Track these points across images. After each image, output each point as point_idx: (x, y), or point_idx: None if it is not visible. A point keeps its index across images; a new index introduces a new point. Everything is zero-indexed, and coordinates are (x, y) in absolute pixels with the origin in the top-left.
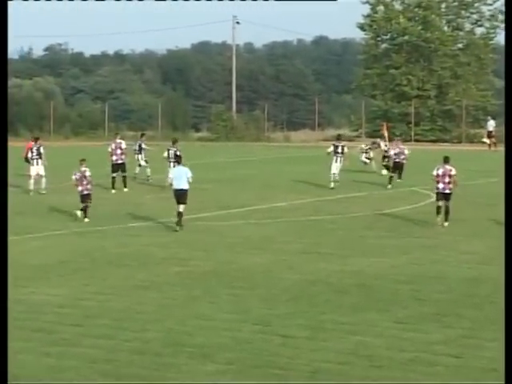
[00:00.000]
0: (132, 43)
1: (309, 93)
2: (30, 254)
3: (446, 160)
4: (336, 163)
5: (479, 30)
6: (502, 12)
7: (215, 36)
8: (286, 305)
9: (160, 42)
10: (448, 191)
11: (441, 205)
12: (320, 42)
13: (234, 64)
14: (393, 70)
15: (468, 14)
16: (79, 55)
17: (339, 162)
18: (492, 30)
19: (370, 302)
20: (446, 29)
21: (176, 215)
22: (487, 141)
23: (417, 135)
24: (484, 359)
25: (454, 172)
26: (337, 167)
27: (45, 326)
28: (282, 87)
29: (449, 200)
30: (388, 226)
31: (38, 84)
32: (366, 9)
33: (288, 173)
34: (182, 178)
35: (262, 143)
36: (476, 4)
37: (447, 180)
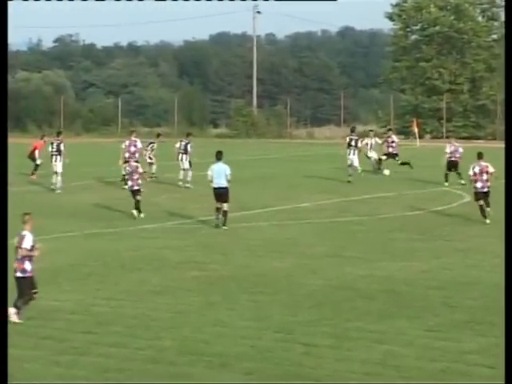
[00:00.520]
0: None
1: (334, 87)
2: (38, 257)
3: (480, 156)
4: (350, 156)
5: None
6: None
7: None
8: (309, 312)
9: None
10: (487, 189)
11: (482, 203)
12: (346, 33)
13: (254, 56)
14: (423, 63)
15: (503, 3)
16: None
17: (353, 154)
18: None
19: (399, 308)
20: (479, 19)
21: (217, 213)
22: None
23: (448, 132)
24: None
25: (491, 169)
26: (352, 160)
27: (54, 333)
28: (305, 81)
29: (488, 197)
30: (418, 228)
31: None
32: None
33: (312, 171)
34: (222, 175)
35: (284, 140)
36: None
37: (485, 177)
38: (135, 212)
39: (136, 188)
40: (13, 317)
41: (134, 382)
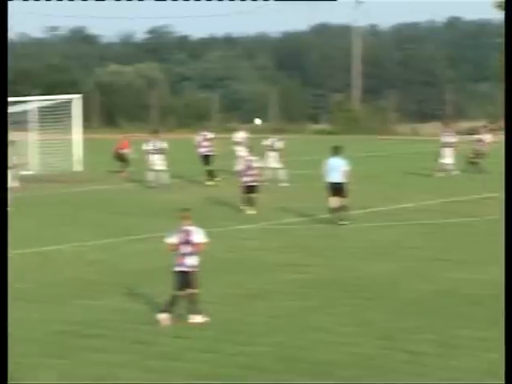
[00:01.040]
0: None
1: (440, 80)
2: (131, 258)
3: None
4: (444, 153)
5: None
6: None
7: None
8: (413, 317)
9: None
10: None
11: None
12: (453, 23)
13: (356, 48)
14: None
15: None
16: (185, 39)
17: (448, 151)
18: None
19: None
20: None
21: (332, 211)
22: None
23: None
24: None
25: None
26: (446, 157)
27: (145, 337)
28: (410, 74)
29: None
30: None
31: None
32: None
33: (417, 170)
34: (337, 170)
35: (387, 137)
36: None
37: None
38: (247, 208)
39: (254, 184)
40: (194, 317)
41: None
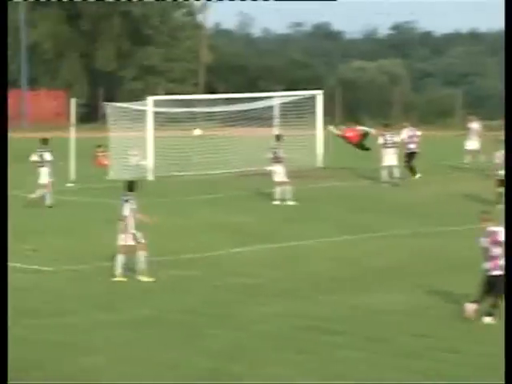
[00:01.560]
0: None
1: None
2: (371, 255)
3: None
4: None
5: None
6: None
7: None
8: None
9: None
10: None
11: None
12: None
13: None
14: None
15: None
16: (428, 34)
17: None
18: None
19: None
20: None
21: None
22: None
23: None
24: None
25: None
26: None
27: (385, 335)
28: None
29: None
30: None
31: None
32: None
33: None
34: None
35: None
36: None
37: None
38: None
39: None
40: (485, 319)
41: None
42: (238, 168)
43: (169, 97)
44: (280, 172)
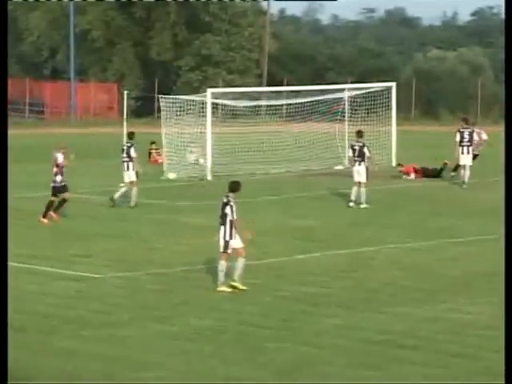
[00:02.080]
0: None
1: None
2: (449, 263)
3: None
4: None
5: None
6: None
7: None
8: None
9: None
10: None
11: None
12: None
13: None
14: None
15: None
16: None
17: None
18: None
19: None
20: None
21: None
22: None
23: None
24: None
25: None
26: None
27: (466, 350)
28: None
29: None
30: None
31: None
32: None
33: None
34: None
35: None
36: None
37: None
38: None
39: None
40: None
41: None
42: (305, 166)
43: (229, 89)
44: (362, 172)
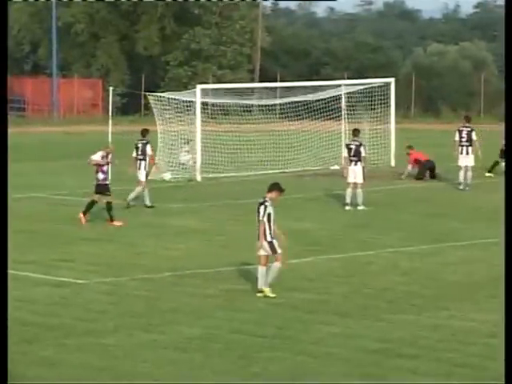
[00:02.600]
0: None
1: None
2: (451, 268)
3: None
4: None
5: None
6: None
7: None
8: None
9: None
10: None
11: None
12: None
13: None
14: None
15: None
16: None
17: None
18: None
19: None
20: None
21: None
22: None
23: None
24: None
25: None
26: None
27: (470, 360)
28: None
29: None
30: None
31: (465, 50)
32: None
33: None
34: None
35: None
36: None
37: None
38: None
39: None
40: None
41: None
42: (299, 167)
43: (220, 85)
44: (358, 172)
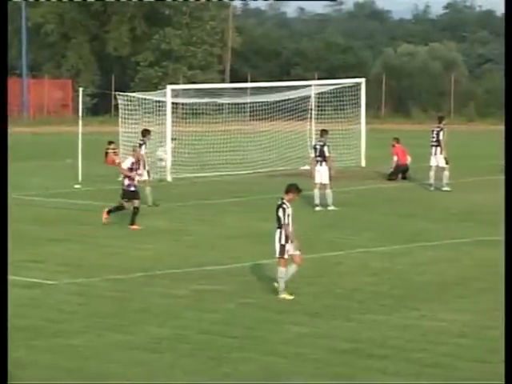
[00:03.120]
0: None
1: None
2: (422, 268)
3: None
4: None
5: None
6: None
7: None
8: None
9: None
10: None
11: None
12: None
13: None
14: None
15: None
16: (488, 14)
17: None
18: None
19: None
20: None
21: None
22: None
23: None
24: None
25: None
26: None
27: (441, 360)
28: None
29: None
30: None
31: (435, 51)
32: None
33: None
34: None
35: None
36: None
37: None
38: None
39: None
40: None
41: None
42: (269, 167)
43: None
44: (324, 173)
